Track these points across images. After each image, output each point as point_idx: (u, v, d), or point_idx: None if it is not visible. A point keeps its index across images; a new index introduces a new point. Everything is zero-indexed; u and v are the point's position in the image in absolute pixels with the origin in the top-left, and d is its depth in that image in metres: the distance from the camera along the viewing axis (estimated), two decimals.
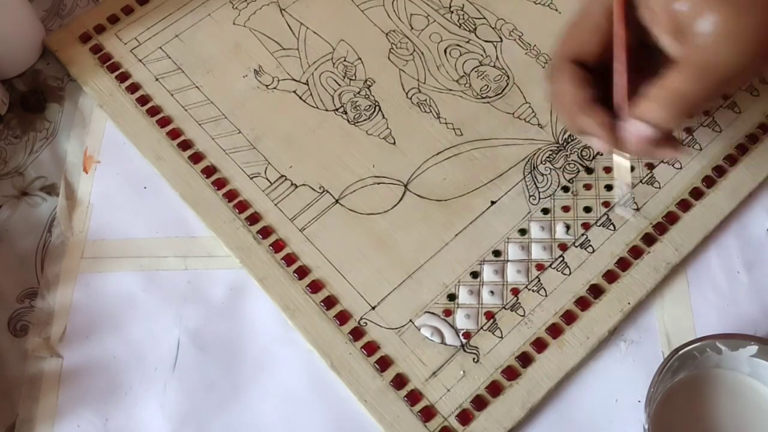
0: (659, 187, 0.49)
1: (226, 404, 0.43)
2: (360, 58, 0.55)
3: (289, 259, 0.47)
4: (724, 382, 0.42)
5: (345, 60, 0.55)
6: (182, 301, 0.46)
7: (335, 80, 0.54)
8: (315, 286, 0.46)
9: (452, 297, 0.45)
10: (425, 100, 0.53)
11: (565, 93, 0.41)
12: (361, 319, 0.45)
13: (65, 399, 0.44)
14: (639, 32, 0.40)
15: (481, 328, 0.45)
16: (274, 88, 0.54)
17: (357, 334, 0.44)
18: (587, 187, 0.49)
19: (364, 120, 0.52)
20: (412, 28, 0.56)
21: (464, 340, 0.44)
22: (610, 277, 0.46)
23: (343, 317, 0.45)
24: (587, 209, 0.48)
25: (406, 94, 0.53)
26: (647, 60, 0.41)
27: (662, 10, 0.38)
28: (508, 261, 0.47)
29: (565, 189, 0.49)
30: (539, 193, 0.49)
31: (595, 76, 0.41)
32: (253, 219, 0.48)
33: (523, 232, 0.48)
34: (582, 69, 0.41)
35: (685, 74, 0.38)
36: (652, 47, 0.41)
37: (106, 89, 0.54)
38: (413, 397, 0.42)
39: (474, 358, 0.44)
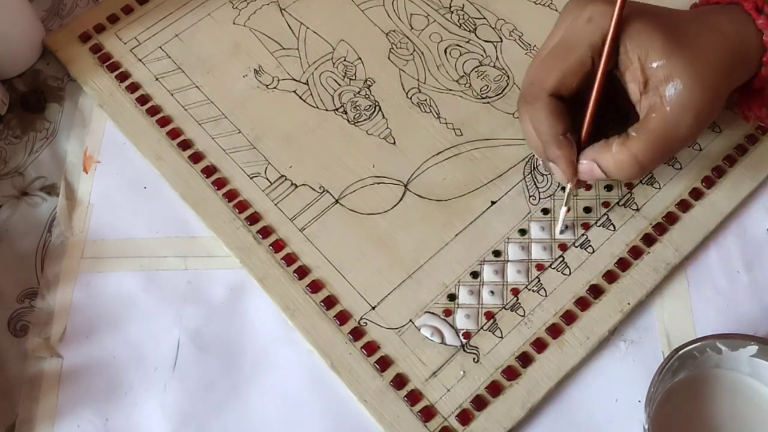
0: (659, 188, 0.49)
1: (226, 404, 0.43)
2: (360, 58, 0.55)
3: (289, 259, 0.47)
4: (724, 382, 0.42)
5: (345, 60, 0.55)
6: (182, 301, 0.46)
7: (335, 80, 0.54)
8: (315, 286, 0.46)
9: (452, 297, 0.46)
10: (425, 100, 0.53)
11: (543, 124, 0.43)
12: (361, 319, 0.45)
13: (65, 399, 0.44)
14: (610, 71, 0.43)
15: (481, 328, 0.45)
16: (274, 88, 0.54)
17: (357, 334, 0.44)
18: (587, 187, 0.49)
19: (364, 120, 0.52)
20: (412, 28, 0.56)
21: (464, 340, 0.44)
22: (610, 277, 0.46)
23: (343, 317, 0.45)
24: (587, 209, 0.48)
25: (406, 94, 0.53)
26: (609, 85, 0.44)
27: (638, 63, 0.42)
28: (508, 261, 0.47)
29: (565, 189, 0.49)
30: (539, 193, 0.49)
31: (567, 104, 0.44)
32: (253, 219, 0.48)
33: (523, 232, 0.48)
34: (559, 101, 0.43)
35: (645, 144, 0.42)
36: (615, 78, 0.44)
37: (105, 89, 0.54)
38: (413, 397, 0.42)
39: (474, 358, 0.44)
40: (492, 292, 0.46)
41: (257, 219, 0.48)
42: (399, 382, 0.43)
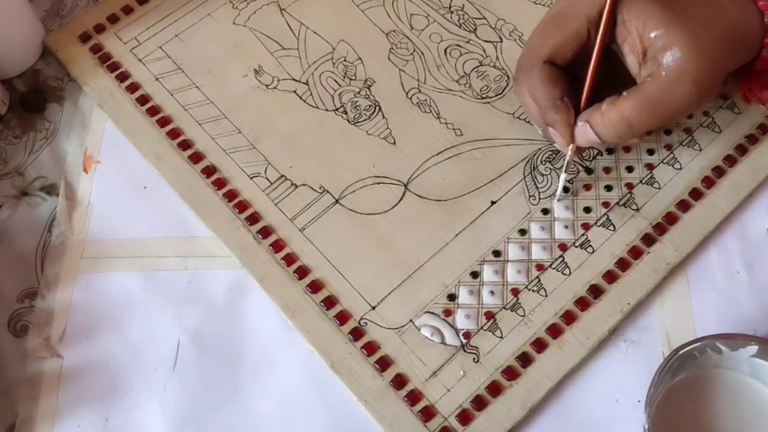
0: (659, 188, 0.49)
1: (226, 404, 0.43)
2: (360, 58, 0.55)
3: (289, 259, 0.47)
4: (724, 382, 0.42)
5: (345, 60, 0.55)
6: (182, 301, 0.46)
7: (335, 80, 0.54)
8: (315, 286, 0.46)
9: (452, 297, 0.46)
10: (425, 100, 0.53)
11: (539, 90, 0.44)
12: (361, 319, 0.45)
13: (65, 399, 0.44)
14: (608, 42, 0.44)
15: (481, 328, 0.45)
16: (274, 88, 0.54)
17: (357, 334, 0.44)
18: (587, 187, 0.49)
19: (364, 120, 0.52)
20: (412, 28, 0.56)
21: (464, 340, 0.44)
22: (610, 277, 0.46)
23: (343, 317, 0.45)
24: (587, 209, 0.48)
25: (406, 94, 0.53)
26: (608, 63, 0.44)
27: (636, 34, 0.42)
28: (508, 261, 0.47)
29: (565, 189, 0.49)
30: (539, 193, 0.49)
31: (563, 70, 0.45)
32: (253, 219, 0.48)
33: (523, 232, 0.48)
34: (554, 67, 0.44)
35: (635, 104, 0.42)
36: (615, 54, 0.44)
37: (105, 89, 0.54)
38: (413, 397, 0.42)
39: (474, 358, 0.44)
40: (492, 292, 0.46)
41: (257, 219, 0.48)
42: (399, 382, 0.43)
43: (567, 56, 0.44)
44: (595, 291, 0.45)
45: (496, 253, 0.47)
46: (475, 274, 0.46)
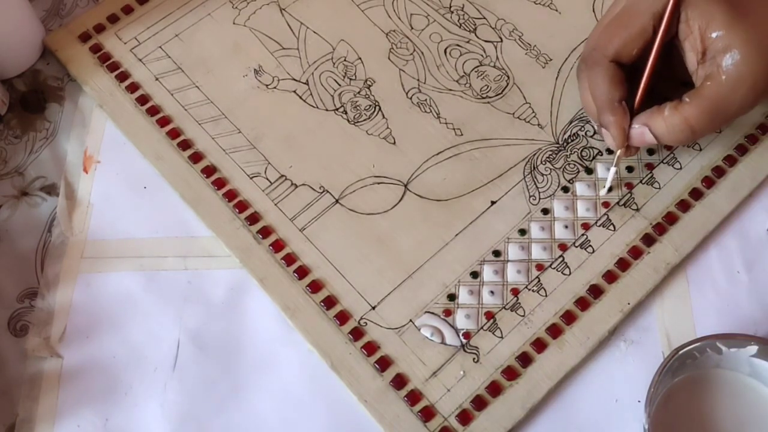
0: (659, 188, 0.49)
1: (226, 404, 0.43)
2: (360, 58, 0.55)
3: (289, 259, 0.47)
4: (724, 382, 0.42)
5: (345, 60, 0.55)
6: (182, 301, 0.46)
7: (335, 80, 0.54)
8: (315, 286, 0.46)
9: (452, 297, 0.46)
10: (425, 100, 0.53)
11: (600, 89, 0.44)
12: (361, 319, 0.45)
13: (65, 399, 0.44)
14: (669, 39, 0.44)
15: (481, 328, 0.45)
16: (274, 87, 0.54)
17: (357, 334, 0.44)
18: (587, 187, 0.49)
19: (364, 120, 0.52)
20: (412, 28, 0.56)
21: (464, 340, 0.44)
22: (610, 277, 0.46)
23: (343, 317, 0.45)
24: (587, 209, 0.48)
25: (406, 94, 0.53)
26: (668, 57, 0.44)
27: (698, 33, 0.42)
28: (508, 261, 0.47)
29: (565, 189, 0.49)
30: (539, 193, 0.49)
31: (626, 72, 0.45)
32: (253, 219, 0.48)
33: (523, 232, 0.48)
34: (618, 68, 0.44)
35: (698, 110, 0.42)
36: (674, 49, 0.44)
37: (105, 89, 0.54)
38: (413, 397, 0.42)
39: (474, 358, 0.44)
40: (492, 292, 0.46)
41: (257, 219, 0.48)
42: (399, 382, 0.43)
43: (632, 54, 0.44)
44: (595, 291, 0.45)
45: (496, 253, 0.47)
46: (475, 274, 0.46)
